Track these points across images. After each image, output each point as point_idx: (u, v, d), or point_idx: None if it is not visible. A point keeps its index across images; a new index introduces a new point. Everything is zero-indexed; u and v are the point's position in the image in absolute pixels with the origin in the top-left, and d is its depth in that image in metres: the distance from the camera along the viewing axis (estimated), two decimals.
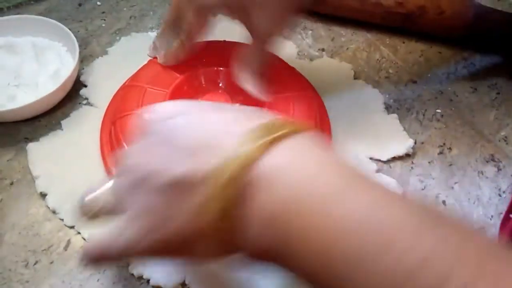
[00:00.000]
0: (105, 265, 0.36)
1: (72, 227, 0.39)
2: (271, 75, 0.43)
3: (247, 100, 0.45)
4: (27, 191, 0.41)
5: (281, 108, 0.43)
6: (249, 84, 0.42)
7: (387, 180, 0.43)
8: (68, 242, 0.39)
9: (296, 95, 0.44)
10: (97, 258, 0.29)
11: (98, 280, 0.37)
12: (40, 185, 0.41)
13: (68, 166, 0.42)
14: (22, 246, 0.38)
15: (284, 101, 0.44)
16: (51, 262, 0.38)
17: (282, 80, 0.45)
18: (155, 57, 0.47)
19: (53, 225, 0.40)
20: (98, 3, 0.58)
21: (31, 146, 0.44)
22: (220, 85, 0.46)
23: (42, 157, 0.43)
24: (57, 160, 0.43)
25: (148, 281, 0.36)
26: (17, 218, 0.40)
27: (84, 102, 0.48)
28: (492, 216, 0.42)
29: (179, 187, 0.25)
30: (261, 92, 0.42)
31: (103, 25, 0.56)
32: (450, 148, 0.47)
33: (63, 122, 0.46)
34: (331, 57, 0.54)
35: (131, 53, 0.51)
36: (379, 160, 0.45)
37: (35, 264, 0.37)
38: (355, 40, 0.57)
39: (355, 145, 0.46)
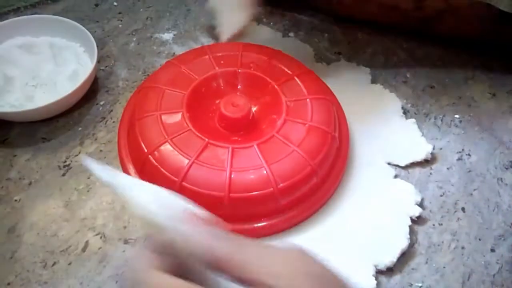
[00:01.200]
0: None
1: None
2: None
3: (266, 102, 0.45)
4: (45, 191, 0.41)
5: (300, 112, 0.43)
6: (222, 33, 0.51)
7: (405, 186, 0.43)
8: (86, 243, 0.39)
9: (315, 98, 0.44)
10: None
11: (116, 282, 0.37)
12: None
13: None
14: (40, 247, 0.38)
15: (303, 105, 0.44)
16: (69, 263, 0.38)
17: (300, 84, 0.45)
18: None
19: (71, 226, 0.39)
20: (115, 3, 0.58)
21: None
22: (239, 87, 0.46)
23: None
24: None
25: None
26: (35, 219, 0.40)
27: (101, 102, 0.48)
28: (511, 224, 0.42)
29: None
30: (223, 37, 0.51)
31: (120, 25, 0.56)
32: (469, 155, 0.46)
33: None
34: (348, 60, 0.54)
35: None
36: (397, 166, 0.45)
37: (53, 265, 0.37)
38: (372, 44, 0.56)
39: (373, 150, 0.46)
